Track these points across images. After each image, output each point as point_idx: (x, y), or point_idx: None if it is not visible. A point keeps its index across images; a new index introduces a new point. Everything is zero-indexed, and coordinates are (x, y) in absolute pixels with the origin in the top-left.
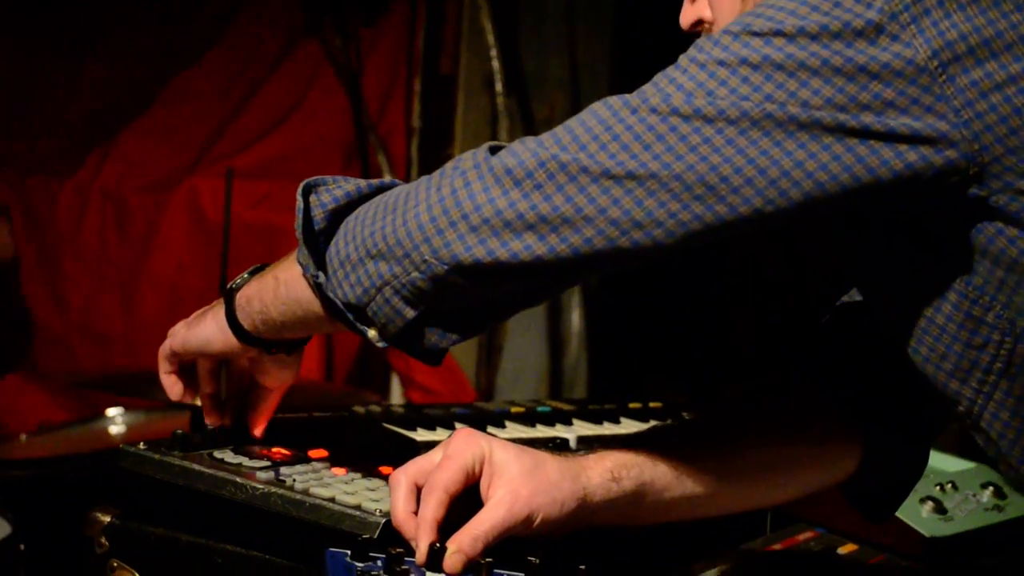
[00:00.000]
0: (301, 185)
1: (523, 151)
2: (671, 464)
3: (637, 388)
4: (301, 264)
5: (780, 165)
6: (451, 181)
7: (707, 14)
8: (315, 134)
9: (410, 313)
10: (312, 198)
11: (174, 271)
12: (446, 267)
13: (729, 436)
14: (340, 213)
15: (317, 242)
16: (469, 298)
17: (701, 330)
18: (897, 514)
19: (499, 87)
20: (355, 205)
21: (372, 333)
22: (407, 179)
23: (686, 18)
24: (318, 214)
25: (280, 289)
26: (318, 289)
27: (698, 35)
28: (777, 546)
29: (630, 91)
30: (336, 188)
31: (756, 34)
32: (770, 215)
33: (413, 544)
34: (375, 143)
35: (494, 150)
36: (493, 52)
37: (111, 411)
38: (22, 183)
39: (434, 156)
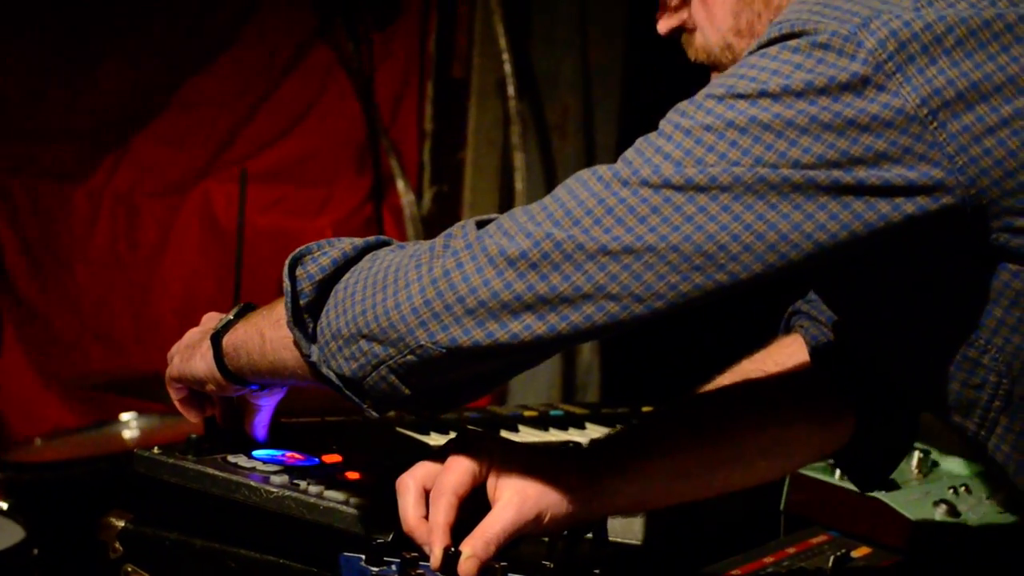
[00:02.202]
0: (288, 260)
1: (515, 229)
2: (672, 452)
3: (650, 392)
4: (295, 343)
5: (778, 229)
6: (443, 262)
7: (689, 21)
8: (327, 138)
9: (407, 391)
10: (299, 271)
11: (187, 274)
12: (443, 351)
13: (725, 420)
14: (328, 282)
15: (305, 320)
16: (466, 375)
17: (714, 333)
18: (911, 517)
19: (511, 91)
20: (343, 271)
21: (367, 405)
22: (419, 183)
23: (665, 24)
24: (306, 287)
25: (267, 348)
26: (312, 366)
27: (677, 41)
28: (791, 549)
29: (644, 95)
30: (322, 256)
31: (741, 96)
32: (771, 276)
33: (426, 549)
34: (387, 147)
35: (481, 225)
36: (505, 56)
37: (124, 415)
38: (35, 187)
39: (446, 159)
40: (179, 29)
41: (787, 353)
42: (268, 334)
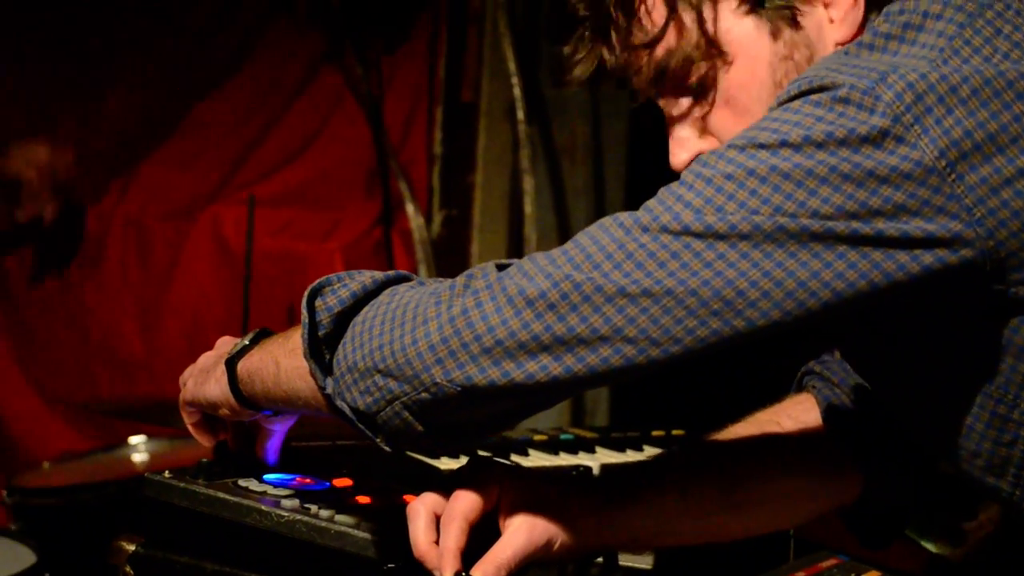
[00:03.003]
0: (307, 291)
1: (534, 271)
2: (683, 492)
3: (659, 416)
4: (310, 373)
5: (796, 276)
6: (462, 301)
7: (707, 147)
8: (337, 162)
9: (420, 428)
10: (318, 302)
11: (196, 298)
12: (459, 389)
13: (733, 467)
14: (346, 315)
15: (322, 351)
16: (480, 414)
17: (724, 357)
18: (922, 542)
19: (520, 115)
20: (361, 305)
21: (380, 439)
22: (428, 207)
23: (687, 156)
24: (324, 318)
25: (281, 377)
26: (327, 398)
27: None
28: (800, 573)
29: (651, 121)
30: (342, 288)
31: (762, 146)
32: (788, 324)
33: (436, 574)
34: (396, 170)
35: (502, 267)
36: (515, 80)
37: (134, 439)
38: None
39: (456, 183)
40: (187, 54)
41: (801, 409)
42: (283, 362)
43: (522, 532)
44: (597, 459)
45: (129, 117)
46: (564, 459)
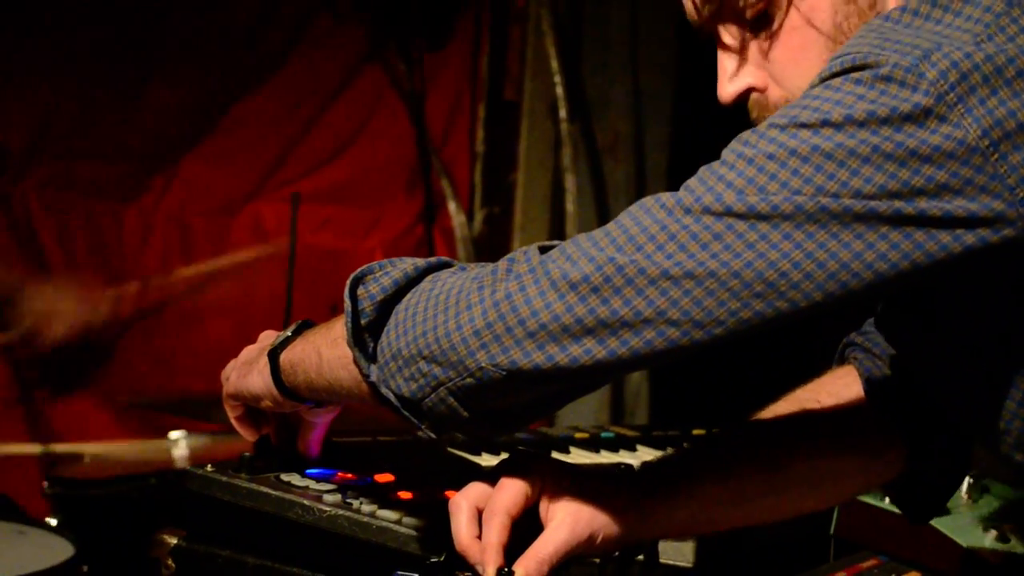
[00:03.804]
0: (349, 279)
1: (577, 254)
2: (724, 478)
3: (698, 415)
4: (353, 362)
5: (839, 257)
6: (506, 285)
7: (760, 80)
8: (379, 159)
9: (465, 413)
10: (360, 290)
11: (237, 293)
12: (504, 373)
13: (773, 449)
14: (389, 303)
15: (366, 340)
16: (525, 398)
17: (761, 356)
18: (961, 542)
19: (563, 113)
20: (404, 292)
21: (425, 426)
22: (470, 204)
23: (733, 88)
24: (367, 306)
25: (323, 367)
26: (371, 386)
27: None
28: (840, 573)
29: (693, 119)
30: (384, 276)
31: (804, 125)
32: (831, 305)
33: (479, 568)
34: (439, 168)
35: (544, 250)
36: (557, 78)
37: (173, 434)
38: (87, 207)
39: (497, 181)
40: (230, 50)
41: (842, 384)
42: (325, 353)
43: (564, 526)
44: (638, 457)
45: (171, 113)
46: (605, 457)
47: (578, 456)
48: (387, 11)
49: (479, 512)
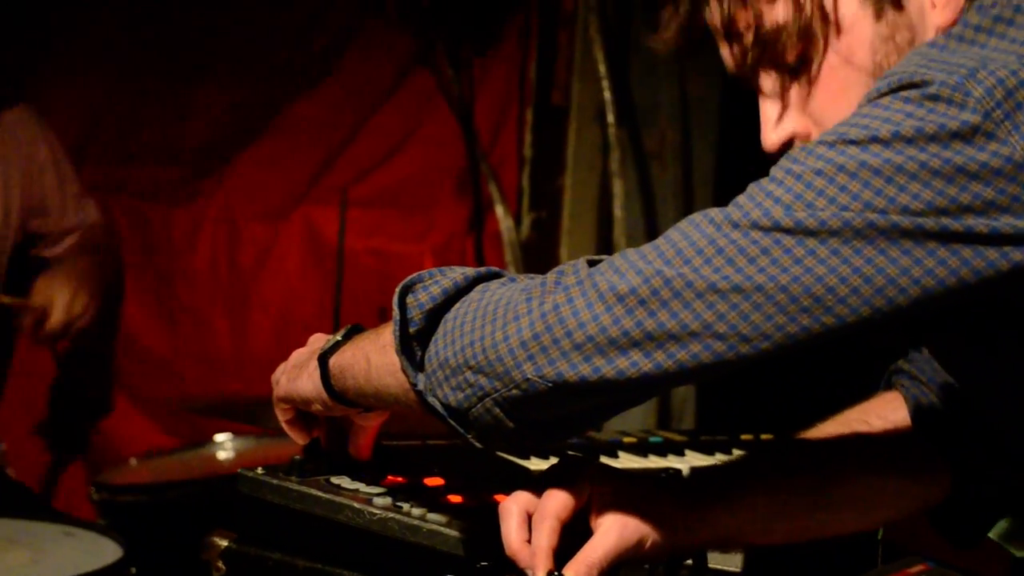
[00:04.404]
0: (398, 287)
1: (626, 267)
2: (774, 492)
3: (745, 420)
4: (401, 369)
5: (886, 273)
6: (554, 297)
7: (800, 127)
8: (427, 163)
9: (511, 424)
10: (409, 298)
11: (286, 296)
12: (550, 385)
13: (822, 467)
14: (438, 312)
15: (414, 348)
16: (570, 410)
17: (810, 360)
18: (1014, 550)
19: (611, 118)
20: (453, 301)
21: (471, 436)
22: (517, 209)
23: (776, 139)
24: (416, 315)
25: (372, 373)
26: (418, 394)
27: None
28: None
29: (741, 123)
30: (433, 285)
31: (852, 142)
32: (877, 322)
33: (529, 572)
34: (487, 172)
35: (593, 263)
36: (605, 83)
37: (219, 437)
38: (138, 209)
39: (545, 186)
40: (280, 54)
41: (890, 408)
42: (374, 359)
43: (613, 531)
44: (686, 462)
45: (220, 116)
46: (653, 461)
47: (626, 460)
48: (435, 16)
49: (529, 516)
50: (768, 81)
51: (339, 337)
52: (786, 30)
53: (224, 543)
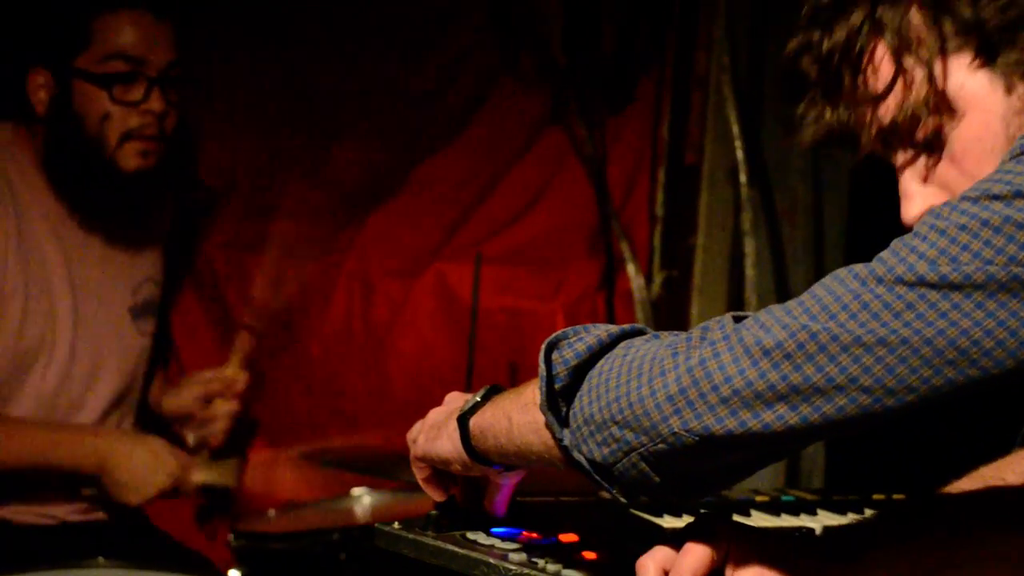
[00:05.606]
0: (544, 344)
1: (771, 321)
2: (906, 551)
3: (875, 479)
4: (546, 426)
5: None
6: (700, 351)
7: (939, 201)
8: (559, 221)
9: (657, 478)
10: (555, 355)
11: (419, 352)
12: (696, 438)
13: (955, 525)
14: (583, 368)
15: (559, 404)
16: (716, 464)
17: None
18: None
19: (743, 177)
20: (598, 357)
21: (616, 491)
22: (649, 267)
23: (915, 213)
24: (560, 371)
25: (514, 432)
26: (563, 450)
27: None
28: None
29: (871, 182)
30: (578, 342)
31: (996, 197)
32: (1021, 374)
33: None
34: (618, 231)
35: (738, 319)
36: (738, 143)
37: (356, 490)
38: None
39: (676, 245)
40: (414, 113)
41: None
42: (516, 418)
43: None
44: (819, 521)
45: (355, 173)
46: (786, 520)
47: (759, 519)
48: (569, 75)
49: (665, 573)
50: (900, 160)
51: (478, 398)
52: (905, 112)
53: None
